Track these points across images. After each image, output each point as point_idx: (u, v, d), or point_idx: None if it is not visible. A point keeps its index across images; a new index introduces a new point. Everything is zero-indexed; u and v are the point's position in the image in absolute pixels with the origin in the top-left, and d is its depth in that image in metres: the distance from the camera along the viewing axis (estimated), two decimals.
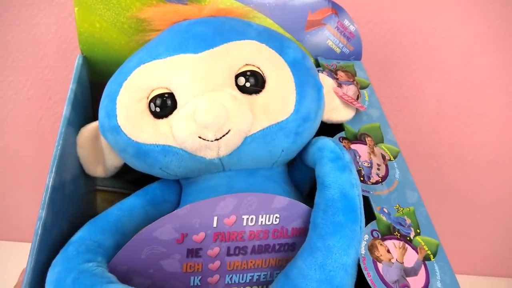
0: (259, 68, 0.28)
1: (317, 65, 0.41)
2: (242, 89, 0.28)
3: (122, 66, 0.31)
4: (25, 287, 0.24)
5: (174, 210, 0.32)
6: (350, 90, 0.39)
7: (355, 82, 0.40)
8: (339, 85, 0.39)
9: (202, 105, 0.25)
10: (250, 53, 0.28)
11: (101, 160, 0.34)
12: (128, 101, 0.28)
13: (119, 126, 0.28)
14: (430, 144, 0.59)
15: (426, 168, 0.59)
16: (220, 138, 0.26)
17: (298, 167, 0.33)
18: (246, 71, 0.28)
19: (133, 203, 0.30)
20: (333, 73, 0.40)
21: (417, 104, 0.57)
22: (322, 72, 0.39)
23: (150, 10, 0.34)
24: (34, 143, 0.60)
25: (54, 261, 0.25)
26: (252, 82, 0.28)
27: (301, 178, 0.33)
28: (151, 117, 0.28)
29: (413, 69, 0.56)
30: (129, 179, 0.42)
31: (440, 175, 0.59)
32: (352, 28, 0.42)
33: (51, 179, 0.28)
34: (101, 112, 0.30)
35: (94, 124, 0.33)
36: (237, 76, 0.28)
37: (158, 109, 0.28)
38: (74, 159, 0.33)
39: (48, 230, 0.26)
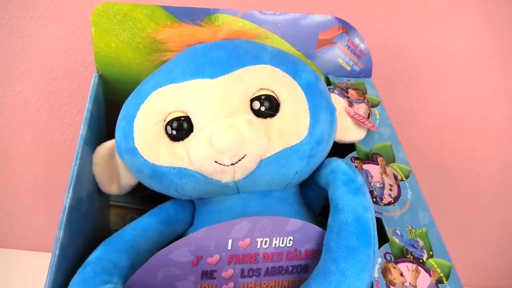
0: (273, 92, 0.29)
1: (328, 83, 0.42)
2: (257, 113, 0.28)
3: (139, 88, 0.31)
4: None
5: (187, 229, 0.33)
6: (361, 108, 0.39)
7: (366, 100, 0.40)
8: (350, 103, 0.39)
9: (219, 130, 0.26)
10: (264, 78, 0.29)
11: (116, 178, 0.34)
12: (145, 124, 0.29)
13: (136, 149, 0.29)
14: (437, 157, 0.59)
15: (433, 181, 0.59)
16: (236, 162, 0.26)
17: (311, 187, 0.33)
18: (261, 95, 0.28)
19: (147, 223, 0.31)
20: (344, 91, 0.40)
21: (424, 117, 0.57)
22: (333, 91, 0.40)
23: (165, 31, 0.34)
24: (42, 153, 0.60)
25: (72, 282, 0.25)
26: (267, 106, 0.28)
27: (313, 198, 0.34)
28: (167, 139, 0.29)
29: (419, 82, 0.56)
30: (141, 195, 0.42)
31: (448, 188, 0.59)
32: (362, 46, 0.42)
33: (69, 199, 0.28)
34: (118, 134, 0.30)
35: (110, 143, 0.33)
36: (252, 100, 0.28)
37: (174, 132, 0.28)
38: (90, 177, 0.33)
39: (65, 250, 0.27)
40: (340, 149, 0.35)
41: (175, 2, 0.37)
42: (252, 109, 0.28)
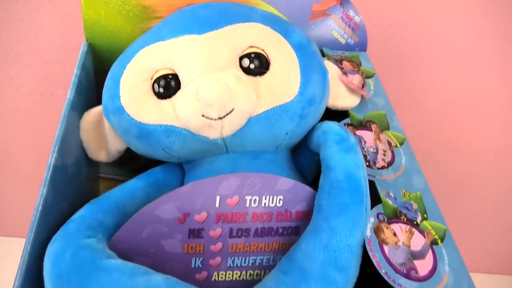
0: (263, 50, 0.28)
1: (322, 55, 0.41)
2: (247, 70, 0.28)
3: (126, 49, 0.31)
4: (23, 262, 0.23)
5: None
6: (355, 79, 0.38)
7: (360, 72, 0.39)
8: (345, 74, 0.38)
9: (206, 83, 0.25)
10: (254, 35, 0.28)
11: (104, 144, 0.33)
12: (131, 82, 0.28)
13: (123, 107, 0.28)
14: (431, 139, 0.58)
15: (428, 163, 0.58)
16: (224, 116, 0.26)
17: (303, 153, 0.32)
18: (250, 53, 0.28)
19: (135, 185, 0.30)
20: (338, 62, 0.39)
21: (420, 98, 0.57)
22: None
23: None
24: (35, 139, 0.60)
25: (53, 237, 0.25)
26: (257, 64, 0.28)
27: (305, 165, 0.33)
28: (154, 98, 0.28)
29: (415, 63, 0.56)
30: (132, 168, 0.41)
31: (444, 170, 0.59)
32: (357, 18, 0.42)
33: (53, 159, 0.28)
34: (105, 94, 0.30)
35: (98, 109, 0.33)
36: (241, 58, 0.28)
37: (161, 90, 0.28)
38: (77, 143, 0.33)
39: (49, 208, 0.26)
40: (334, 116, 0.34)
41: None
42: (241, 66, 0.28)
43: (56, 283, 0.22)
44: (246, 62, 0.28)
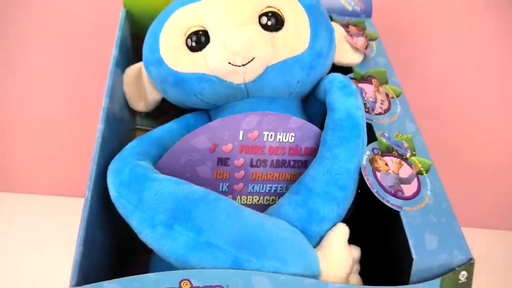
0: (279, 10, 0.33)
1: (330, 19, 0.46)
2: (264, 27, 0.33)
3: (163, 10, 0.36)
4: (90, 181, 0.30)
5: None
6: (360, 41, 0.43)
7: (364, 35, 0.44)
8: (350, 37, 0.43)
9: (232, 35, 0.31)
10: None
11: (142, 96, 0.39)
12: (169, 38, 0.34)
13: (162, 58, 0.34)
14: (435, 106, 0.62)
15: (430, 129, 0.62)
16: (246, 64, 0.31)
17: (312, 103, 0.38)
18: (268, 12, 0.33)
19: (171, 127, 0.36)
20: (345, 27, 0.44)
21: (424, 66, 0.61)
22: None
23: None
24: (67, 107, 0.65)
25: (112, 161, 0.31)
26: (273, 21, 0.33)
27: (314, 113, 0.38)
28: (188, 50, 0.34)
29: (420, 33, 0.60)
30: (164, 120, 0.47)
31: (445, 137, 0.63)
32: None
33: (107, 103, 0.34)
34: (146, 48, 0.36)
35: (138, 65, 0.39)
36: (260, 16, 0.33)
37: (193, 44, 0.33)
38: (121, 94, 0.39)
39: (106, 141, 0.32)
40: (339, 71, 0.39)
41: None
42: (260, 23, 0.33)
43: (120, 189, 0.28)
44: (264, 19, 0.33)
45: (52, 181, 0.69)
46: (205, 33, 0.33)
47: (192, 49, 0.33)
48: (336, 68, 0.39)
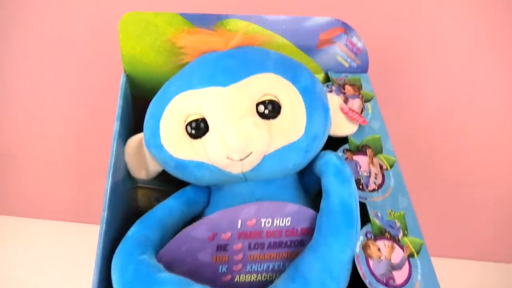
0: (275, 97, 0.34)
1: (328, 79, 0.47)
2: (262, 115, 0.34)
3: (163, 90, 0.37)
4: (97, 266, 0.31)
5: (204, 209, 0.39)
6: (355, 104, 0.44)
7: (360, 96, 0.45)
8: (346, 99, 0.44)
9: (230, 131, 0.32)
10: (268, 84, 0.34)
11: (144, 165, 0.40)
12: (169, 124, 0.35)
13: (163, 145, 0.35)
14: (429, 148, 0.63)
15: (425, 169, 0.64)
16: (244, 158, 0.32)
17: (308, 174, 0.39)
18: (265, 100, 0.34)
19: (172, 204, 0.37)
20: (341, 87, 0.45)
21: (419, 107, 0.62)
22: (331, 88, 0.45)
23: (183, 38, 0.39)
24: (62, 130, 0.66)
25: (116, 253, 0.32)
26: (270, 109, 0.34)
27: (310, 183, 0.40)
28: (188, 137, 0.34)
29: (414, 72, 0.60)
30: (164, 178, 0.49)
31: (438, 173, 0.64)
32: (359, 44, 0.47)
33: (109, 184, 0.35)
34: (147, 131, 0.37)
35: (139, 136, 0.40)
36: (257, 104, 0.34)
37: (193, 131, 0.34)
38: (123, 164, 0.40)
39: (109, 224, 0.34)
40: (335, 141, 0.40)
41: (190, 10, 0.42)
42: (257, 111, 0.34)
43: None
44: (261, 108, 0.34)
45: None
46: (204, 120, 0.34)
47: (191, 135, 0.34)
48: (332, 138, 0.40)
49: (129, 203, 0.44)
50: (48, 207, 0.72)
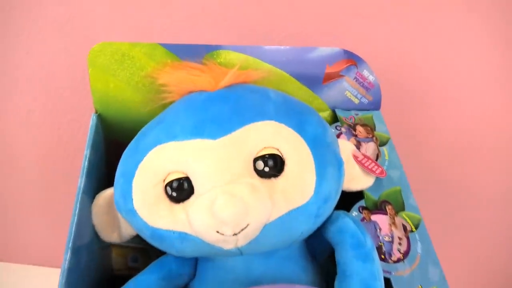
0: (278, 150, 0.27)
1: (335, 118, 0.40)
2: (261, 173, 0.27)
3: (137, 141, 0.30)
4: None
5: (190, 281, 0.32)
6: (370, 148, 0.38)
7: (374, 138, 0.38)
8: (358, 143, 0.38)
9: (221, 200, 0.25)
10: (268, 135, 0.27)
11: (116, 226, 0.33)
12: (144, 185, 0.28)
13: (135, 210, 0.28)
14: (446, 182, 0.57)
15: (441, 209, 0.57)
16: (239, 232, 0.25)
17: (317, 238, 0.32)
18: (265, 155, 0.27)
19: (148, 280, 0.30)
20: (351, 128, 0.39)
21: (434, 139, 0.56)
22: (340, 129, 0.38)
23: (165, 76, 0.33)
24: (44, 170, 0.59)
25: None
26: (271, 165, 0.27)
27: (319, 249, 0.33)
28: (167, 201, 0.27)
29: (428, 104, 0.54)
30: None
31: (456, 215, 0.58)
32: (371, 78, 0.41)
33: (67, 262, 0.28)
34: (117, 191, 0.29)
35: (109, 192, 0.32)
36: (255, 160, 0.27)
37: (174, 194, 0.27)
38: (89, 225, 0.32)
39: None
40: (347, 196, 0.33)
41: (175, 40, 0.36)
42: (255, 169, 0.27)
43: None
44: (260, 165, 0.27)
45: None
46: (188, 180, 0.27)
47: (172, 199, 0.27)
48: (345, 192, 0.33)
49: (101, 266, 0.36)
50: (19, 251, 0.64)
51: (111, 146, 0.36)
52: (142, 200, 0.27)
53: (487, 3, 0.47)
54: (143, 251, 0.40)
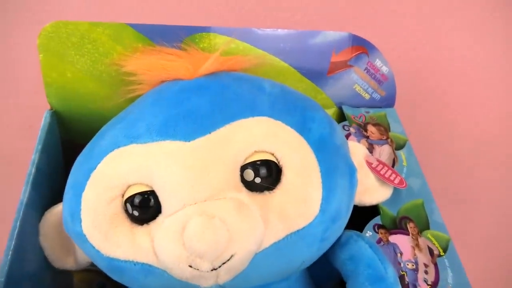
0: (273, 155, 0.21)
1: (342, 116, 0.34)
2: (251, 186, 0.20)
3: (93, 145, 0.23)
4: None
5: None
6: (384, 152, 0.31)
7: (389, 141, 0.32)
8: (370, 145, 0.31)
9: (194, 224, 0.18)
10: (261, 136, 0.21)
11: (71, 249, 0.26)
12: (96, 202, 0.21)
13: (85, 235, 0.21)
14: (464, 188, 0.51)
15: (461, 217, 0.51)
16: (220, 266, 0.19)
17: (322, 265, 0.25)
18: (255, 161, 0.21)
19: None
20: (361, 129, 0.32)
21: (450, 142, 0.50)
22: (349, 129, 0.32)
23: (133, 62, 0.27)
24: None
25: None
26: (264, 175, 0.21)
27: (324, 278, 0.26)
28: (127, 222, 0.21)
29: (446, 103, 0.48)
30: None
31: (477, 223, 0.52)
32: (384, 69, 0.34)
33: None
34: (65, 208, 0.23)
35: (61, 207, 0.26)
36: (243, 168, 0.21)
37: (136, 213, 0.21)
38: (35, 249, 0.26)
39: None
40: (360, 211, 0.27)
41: (147, 19, 0.29)
42: (243, 180, 0.21)
43: None
44: (250, 174, 0.20)
45: None
46: (154, 194, 0.20)
47: (133, 219, 0.21)
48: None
49: None
50: None
51: (70, 151, 0.29)
52: (94, 221, 0.21)
53: None
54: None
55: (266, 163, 0.21)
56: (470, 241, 0.54)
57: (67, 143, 0.31)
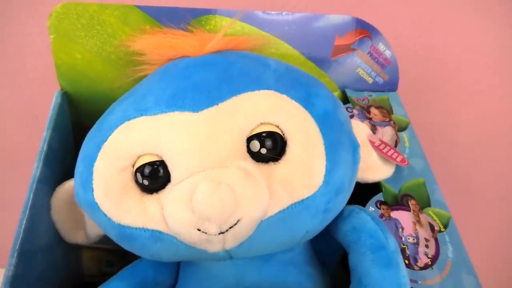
0: (278, 127, 0.22)
1: (345, 99, 0.34)
2: (256, 156, 0.21)
3: (103, 120, 0.24)
4: None
5: None
6: (387, 133, 0.32)
7: (392, 122, 0.33)
8: (373, 127, 0.32)
9: (203, 189, 0.19)
10: (266, 108, 0.22)
11: (81, 224, 0.27)
12: (107, 171, 0.22)
13: (97, 203, 0.22)
14: (468, 175, 0.51)
15: (464, 204, 0.52)
16: (227, 230, 0.19)
17: (325, 239, 0.26)
18: (261, 133, 0.21)
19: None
20: (365, 111, 0.33)
21: (454, 131, 0.50)
22: (352, 112, 0.32)
23: (141, 41, 0.27)
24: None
25: None
26: (270, 147, 0.21)
27: (328, 253, 0.27)
28: (137, 191, 0.22)
29: (449, 90, 0.48)
30: None
31: (479, 213, 0.52)
32: (388, 53, 0.35)
33: (12, 268, 0.22)
34: (76, 180, 0.24)
35: (73, 183, 0.27)
36: (249, 139, 0.21)
37: (146, 182, 0.21)
38: (48, 224, 0.27)
39: None
40: (361, 189, 0.27)
41: (155, 1, 0.30)
42: (249, 151, 0.21)
43: None
44: (255, 145, 0.21)
45: None
46: (164, 164, 0.21)
47: (144, 188, 0.22)
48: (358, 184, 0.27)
49: (65, 272, 0.30)
50: None
51: (80, 132, 0.30)
52: (105, 190, 0.22)
53: None
54: (119, 253, 0.34)
55: (271, 135, 0.21)
56: (472, 230, 0.55)
57: (76, 125, 0.32)
